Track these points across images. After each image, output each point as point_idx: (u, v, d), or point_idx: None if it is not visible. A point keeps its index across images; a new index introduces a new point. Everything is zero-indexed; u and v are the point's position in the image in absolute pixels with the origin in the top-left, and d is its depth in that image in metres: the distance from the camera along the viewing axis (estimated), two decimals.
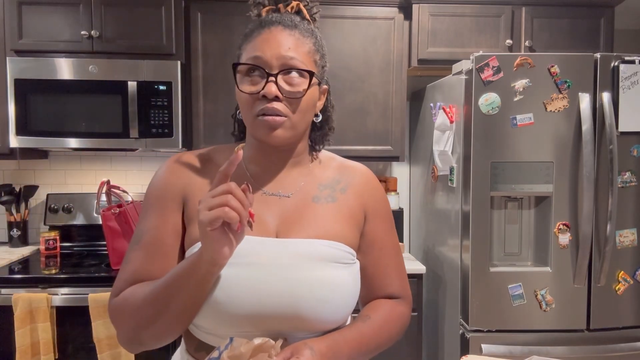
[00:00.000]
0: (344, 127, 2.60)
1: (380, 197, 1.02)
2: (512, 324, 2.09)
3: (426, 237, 2.72)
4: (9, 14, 2.39)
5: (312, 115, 0.93)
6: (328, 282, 0.85)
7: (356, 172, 1.02)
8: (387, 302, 1.00)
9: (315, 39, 0.92)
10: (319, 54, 0.92)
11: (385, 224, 1.01)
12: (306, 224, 0.90)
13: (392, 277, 1.01)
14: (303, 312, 0.83)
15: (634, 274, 2.12)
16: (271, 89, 0.84)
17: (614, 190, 2.03)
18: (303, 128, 0.92)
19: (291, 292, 0.83)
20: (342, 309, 0.87)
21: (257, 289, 0.82)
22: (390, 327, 0.97)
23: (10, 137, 2.37)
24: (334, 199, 0.95)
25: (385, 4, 2.56)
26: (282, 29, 0.88)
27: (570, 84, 2.04)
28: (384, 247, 0.99)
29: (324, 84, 0.96)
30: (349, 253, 0.92)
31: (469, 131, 2.09)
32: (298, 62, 0.87)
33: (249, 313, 0.81)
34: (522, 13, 2.56)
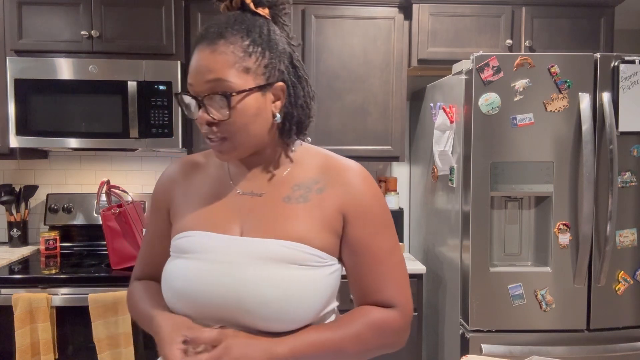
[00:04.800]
0: (344, 127, 2.60)
1: (365, 199, 0.93)
2: (512, 324, 2.09)
3: (426, 237, 2.72)
4: (9, 14, 2.39)
5: (263, 122, 0.89)
6: (277, 284, 0.84)
7: (340, 172, 0.95)
8: (369, 310, 0.93)
9: (250, 40, 0.86)
10: (254, 56, 0.86)
11: (372, 227, 0.93)
12: (271, 224, 0.90)
13: (381, 284, 0.94)
14: (248, 311, 0.83)
15: (634, 274, 2.12)
16: (201, 118, 0.86)
17: (614, 190, 2.03)
18: (254, 140, 0.90)
19: (237, 291, 0.84)
20: (297, 311, 0.84)
21: (207, 284, 0.86)
22: (363, 337, 0.90)
23: (10, 137, 2.37)
24: (307, 199, 0.92)
25: (385, 4, 2.56)
26: (205, 46, 0.85)
27: (570, 84, 2.04)
28: (368, 252, 0.93)
29: (277, 81, 0.89)
30: (314, 255, 0.88)
31: (469, 131, 2.09)
32: (218, 84, 0.84)
33: (199, 305, 0.86)
34: (522, 13, 2.56)
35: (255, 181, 0.95)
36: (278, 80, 0.89)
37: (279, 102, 0.91)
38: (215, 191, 0.96)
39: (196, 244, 0.90)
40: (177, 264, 0.90)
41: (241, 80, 0.84)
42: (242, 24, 0.87)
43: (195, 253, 0.89)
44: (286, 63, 0.91)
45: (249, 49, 0.85)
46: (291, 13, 2.54)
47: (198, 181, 0.99)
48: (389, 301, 0.94)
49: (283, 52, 0.90)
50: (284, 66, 0.90)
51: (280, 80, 0.90)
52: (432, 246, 2.61)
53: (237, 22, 0.87)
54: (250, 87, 0.85)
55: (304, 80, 0.95)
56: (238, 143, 0.88)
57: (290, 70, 0.92)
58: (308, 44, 2.55)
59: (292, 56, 0.93)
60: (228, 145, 0.88)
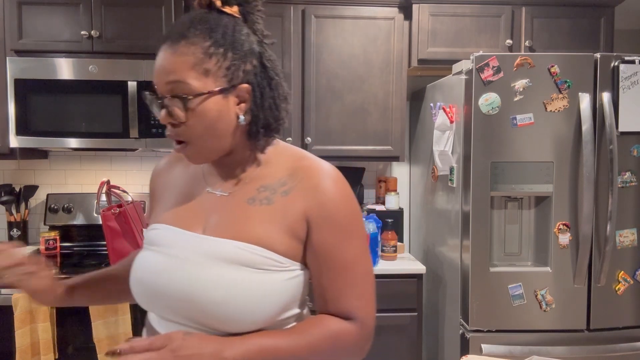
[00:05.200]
0: (344, 127, 2.60)
1: (332, 204, 0.89)
2: (512, 324, 2.09)
3: (426, 237, 2.72)
4: (9, 14, 2.39)
5: (226, 124, 0.87)
6: (226, 285, 0.82)
7: (309, 174, 0.90)
8: (327, 320, 0.90)
9: (212, 40, 0.83)
10: (215, 58, 0.83)
11: (337, 235, 0.89)
12: (231, 224, 0.89)
13: (342, 294, 0.89)
14: (200, 310, 0.83)
15: (634, 274, 2.12)
16: (162, 119, 0.86)
17: (614, 190, 2.03)
18: (218, 143, 0.88)
19: (190, 288, 0.83)
20: (248, 314, 0.82)
21: (161, 277, 0.86)
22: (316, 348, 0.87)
23: (10, 137, 2.37)
24: (271, 201, 0.89)
25: (385, 4, 2.56)
26: (167, 46, 0.84)
27: (570, 84, 2.04)
28: (332, 260, 0.89)
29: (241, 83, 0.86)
30: (271, 259, 0.85)
31: (469, 131, 2.09)
32: (177, 86, 0.83)
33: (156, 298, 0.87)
34: (522, 13, 2.56)
35: (225, 181, 0.94)
36: (243, 81, 0.86)
37: (244, 104, 0.88)
38: (189, 187, 0.97)
39: (160, 237, 0.91)
40: (142, 255, 0.92)
41: (200, 83, 0.83)
42: (206, 23, 0.85)
43: (159, 246, 0.90)
44: (254, 63, 0.88)
45: (209, 50, 0.83)
46: (291, 13, 2.54)
47: (177, 175, 1.01)
48: (349, 313, 0.90)
49: (250, 53, 0.87)
50: (251, 67, 0.87)
51: (245, 81, 0.87)
52: (432, 246, 2.61)
53: (200, 22, 0.85)
54: (210, 90, 0.83)
55: (274, 81, 0.91)
56: (201, 146, 0.87)
57: (259, 70, 0.89)
58: (308, 44, 2.55)
59: (262, 56, 0.89)
60: (191, 149, 0.87)
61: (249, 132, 0.90)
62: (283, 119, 0.93)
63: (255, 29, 0.91)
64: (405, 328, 2.37)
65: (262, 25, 0.92)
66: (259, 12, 0.92)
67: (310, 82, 2.57)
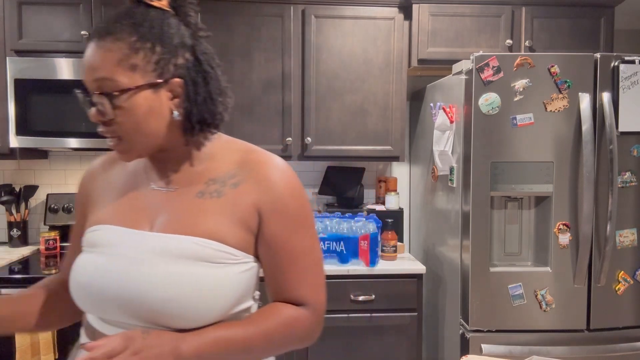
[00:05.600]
0: (344, 127, 2.60)
1: (282, 196, 0.90)
2: (512, 324, 2.09)
3: (426, 237, 2.72)
4: (9, 14, 2.39)
5: (159, 120, 0.85)
6: (181, 281, 0.81)
7: (258, 166, 0.92)
8: (281, 308, 0.91)
9: (138, 35, 0.82)
10: (142, 52, 0.82)
11: (289, 225, 0.91)
12: (181, 220, 0.87)
13: (294, 282, 0.92)
14: (150, 308, 0.81)
15: (634, 274, 2.12)
16: (93, 117, 0.85)
17: (614, 190, 2.03)
18: (152, 139, 0.86)
19: (141, 287, 0.81)
20: (204, 309, 0.82)
21: (108, 278, 0.83)
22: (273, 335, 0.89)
23: (10, 137, 2.37)
24: (220, 194, 0.89)
25: (385, 4, 2.56)
26: (95, 42, 0.82)
27: (570, 84, 2.04)
28: (284, 250, 0.91)
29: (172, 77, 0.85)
30: (225, 252, 0.86)
31: (469, 131, 2.09)
32: (104, 83, 0.81)
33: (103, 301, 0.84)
34: (522, 13, 2.56)
35: (169, 176, 0.93)
36: (174, 76, 0.85)
37: (178, 99, 0.86)
38: (130, 185, 0.95)
39: (103, 237, 0.88)
40: (83, 258, 0.89)
41: (127, 79, 0.81)
42: (132, 18, 0.83)
43: (102, 247, 0.87)
44: (187, 57, 0.86)
45: (135, 44, 0.81)
46: (291, 13, 2.54)
47: (115, 175, 0.98)
48: (302, 299, 0.92)
49: (181, 46, 0.85)
50: (183, 60, 0.86)
51: (177, 75, 0.85)
52: (432, 246, 2.61)
53: (126, 16, 0.83)
54: (137, 85, 0.82)
55: (209, 75, 0.88)
56: (133, 143, 0.85)
57: (192, 64, 0.87)
58: (308, 44, 2.55)
59: (195, 49, 0.88)
60: (124, 145, 0.86)
61: (184, 128, 0.88)
62: (221, 113, 0.91)
63: (188, 21, 0.89)
64: (405, 328, 2.37)
65: (195, 18, 0.91)
66: (192, 5, 0.90)
67: (310, 82, 2.57)
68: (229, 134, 1.04)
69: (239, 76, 2.55)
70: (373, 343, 2.37)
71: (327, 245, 2.38)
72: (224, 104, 0.92)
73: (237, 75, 2.55)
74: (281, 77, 2.56)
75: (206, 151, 0.94)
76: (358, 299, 2.33)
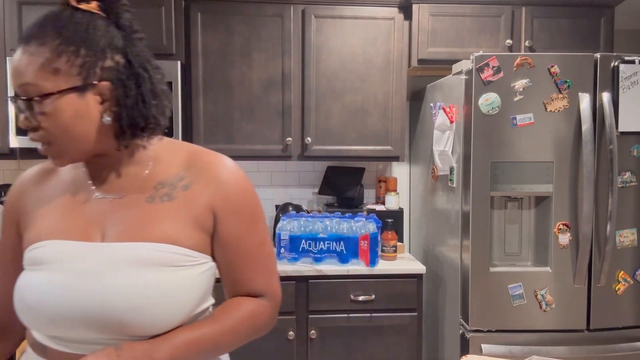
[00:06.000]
0: (344, 127, 2.60)
1: (235, 195, 0.91)
2: (512, 324, 2.09)
3: (426, 237, 2.72)
4: (9, 14, 2.39)
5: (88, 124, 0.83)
6: (145, 288, 0.80)
7: (207, 167, 0.91)
8: (242, 302, 0.93)
9: (62, 38, 0.79)
10: (66, 56, 0.79)
11: (243, 223, 0.92)
12: (135, 227, 0.85)
13: (251, 276, 0.94)
14: (116, 320, 0.79)
15: (634, 274, 2.12)
16: (22, 123, 0.82)
17: (614, 190, 2.03)
18: (82, 144, 0.84)
19: (102, 299, 0.79)
20: (169, 314, 0.82)
21: (66, 296, 0.80)
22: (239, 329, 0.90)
23: (10, 137, 2.37)
24: (171, 197, 0.88)
25: (385, 4, 2.56)
26: (21, 48, 0.81)
27: (570, 84, 2.04)
28: (240, 247, 0.92)
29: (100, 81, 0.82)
30: (184, 255, 0.85)
31: (469, 131, 2.09)
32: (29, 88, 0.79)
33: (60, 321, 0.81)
34: (522, 13, 2.56)
35: (114, 183, 0.90)
36: (102, 79, 0.82)
37: (107, 103, 0.84)
38: (71, 196, 0.90)
39: (51, 254, 0.84)
40: (30, 277, 0.83)
41: (50, 83, 0.79)
42: (56, 21, 0.81)
43: (50, 264, 0.83)
44: (117, 59, 0.83)
45: (58, 48, 0.79)
46: (291, 13, 2.54)
47: (52, 187, 0.93)
48: (259, 291, 0.95)
49: (109, 48, 0.83)
50: (112, 63, 0.83)
51: (105, 78, 0.82)
52: (432, 246, 2.61)
53: (51, 20, 0.81)
54: (60, 90, 0.79)
55: (142, 77, 0.85)
56: (63, 148, 0.83)
57: (123, 67, 0.84)
58: (308, 44, 2.55)
59: (127, 52, 0.85)
60: (54, 151, 0.83)
61: (115, 132, 0.85)
62: (155, 116, 0.87)
63: (121, 24, 0.87)
64: (405, 328, 2.37)
65: (129, 20, 0.89)
66: (124, 7, 0.88)
67: (310, 82, 2.57)
68: (229, 134, 1.04)
69: (239, 76, 2.55)
70: (373, 343, 2.37)
71: (327, 245, 2.38)
72: (160, 107, 0.89)
73: (237, 75, 2.55)
74: (281, 77, 2.56)
75: (150, 154, 0.92)
76: (358, 299, 2.33)
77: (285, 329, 2.33)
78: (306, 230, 2.39)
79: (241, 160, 2.63)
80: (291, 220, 2.42)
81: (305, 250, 2.38)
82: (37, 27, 0.81)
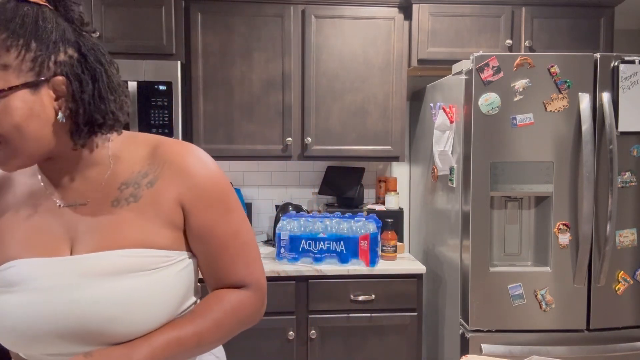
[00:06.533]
0: (344, 127, 2.60)
1: (203, 185, 0.87)
2: (512, 324, 2.09)
3: (426, 237, 2.72)
4: None
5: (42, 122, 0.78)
6: (122, 297, 0.78)
7: (170, 158, 0.87)
8: (223, 294, 0.90)
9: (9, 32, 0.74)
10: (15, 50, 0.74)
11: (214, 213, 0.88)
12: (103, 235, 0.82)
13: (231, 267, 0.90)
14: (96, 332, 0.77)
15: (634, 274, 2.12)
16: None
17: (614, 190, 2.03)
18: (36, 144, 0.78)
19: (76, 314, 0.77)
20: (152, 317, 0.80)
21: (42, 315, 0.77)
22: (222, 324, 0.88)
23: None
24: (137, 197, 0.84)
25: (385, 4, 2.56)
26: None
27: (570, 84, 2.04)
28: (214, 238, 0.88)
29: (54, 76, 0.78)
30: (158, 257, 0.82)
31: (469, 131, 2.09)
32: None
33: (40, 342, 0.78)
34: (522, 13, 2.56)
35: (74, 188, 0.85)
36: (56, 74, 0.77)
37: (62, 99, 0.79)
38: (32, 208, 0.85)
39: (21, 274, 0.79)
40: (4, 301, 0.79)
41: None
42: (2, 14, 0.75)
43: (22, 284, 0.79)
44: (70, 54, 0.79)
45: (6, 42, 0.74)
46: (291, 12, 2.54)
47: (9, 199, 0.88)
48: (241, 282, 0.92)
49: (62, 41, 0.78)
50: (66, 57, 0.78)
51: (59, 73, 0.78)
52: (432, 246, 2.61)
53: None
54: (10, 86, 0.74)
55: (98, 72, 0.81)
56: (16, 150, 0.77)
57: (77, 61, 0.80)
58: (308, 44, 2.55)
59: (80, 45, 0.81)
60: (5, 154, 0.77)
61: (71, 130, 0.81)
62: (113, 112, 0.83)
63: (70, 17, 0.82)
64: (405, 328, 2.37)
65: (78, 13, 0.84)
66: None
67: (310, 82, 2.57)
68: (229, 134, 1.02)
69: (239, 76, 2.55)
70: (373, 343, 2.37)
71: (327, 245, 2.38)
72: (118, 102, 0.84)
73: (237, 75, 2.55)
74: (281, 77, 2.57)
75: (109, 153, 0.87)
76: (358, 299, 2.33)
77: (285, 329, 2.33)
78: (306, 230, 2.39)
79: (241, 160, 2.63)
80: (291, 220, 2.42)
81: (305, 250, 2.39)
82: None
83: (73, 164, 0.85)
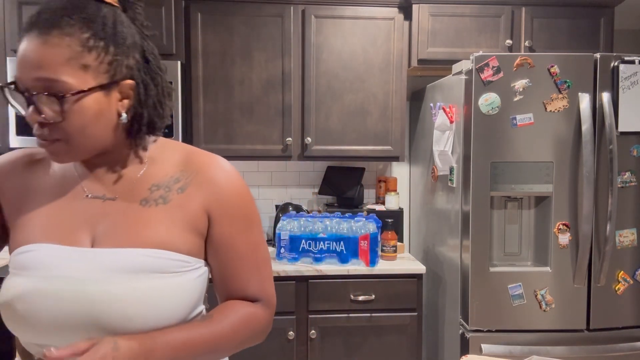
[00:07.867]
0: (344, 127, 2.60)
1: (230, 197, 0.88)
2: (512, 324, 2.09)
3: (426, 237, 2.72)
4: (9, 14, 2.39)
5: (106, 123, 0.80)
6: (139, 297, 0.77)
7: (203, 168, 0.88)
8: (238, 305, 0.91)
9: (92, 32, 0.75)
10: (96, 52, 0.75)
11: (238, 225, 0.89)
12: (127, 231, 0.82)
13: (246, 281, 0.91)
14: (109, 328, 0.77)
15: (633, 274, 2.12)
16: (31, 117, 0.75)
17: (614, 190, 2.03)
18: (94, 142, 0.80)
19: (91, 308, 0.76)
20: (164, 321, 0.80)
21: (56, 305, 0.77)
22: (237, 331, 0.88)
23: (10, 137, 2.37)
24: (167, 200, 0.85)
25: (385, 4, 2.56)
26: (35, 36, 0.73)
27: (570, 84, 2.04)
28: (234, 250, 0.89)
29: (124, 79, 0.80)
30: (179, 261, 0.83)
31: (469, 131, 2.09)
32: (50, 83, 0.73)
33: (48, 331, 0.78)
34: (522, 13, 2.56)
35: (106, 183, 0.86)
36: (126, 77, 0.80)
37: (127, 101, 0.81)
38: (61, 194, 0.85)
39: (38, 259, 0.79)
40: (18, 284, 0.78)
41: (77, 80, 0.74)
42: (83, 12, 0.75)
43: (39, 270, 0.78)
44: (137, 58, 0.81)
45: (88, 42, 0.74)
46: (291, 12, 2.54)
47: (40, 179, 0.87)
48: (254, 296, 0.92)
49: (133, 46, 0.80)
50: (134, 61, 0.81)
51: (128, 77, 0.80)
52: (432, 246, 2.61)
53: (76, 9, 0.75)
54: (89, 87, 0.75)
55: (158, 76, 0.85)
56: (74, 145, 0.78)
57: (142, 65, 0.83)
58: (308, 44, 2.55)
59: (144, 50, 0.84)
60: (62, 147, 0.78)
61: (130, 130, 0.84)
62: (167, 117, 0.88)
63: (136, 19, 0.84)
64: (405, 328, 2.37)
65: (142, 16, 0.86)
66: (140, 2, 0.85)
67: (310, 82, 2.57)
68: (229, 134, 1.03)
69: (239, 76, 2.55)
70: (373, 343, 2.37)
71: (327, 245, 2.38)
72: (170, 107, 0.89)
73: (237, 75, 2.55)
74: (281, 77, 2.57)
75: (145, 155, 0.89)
76: (358, 299, 2.33)
77: (285, 329, 2.33)
78: (306, 230, 2.39)
79: (241, 160, 2.63)
80: (291, 220, 2.42)
81: (305, 250, 2.39)
82: (59, 16, 0.74)
83: (113, 160, 0.87)
